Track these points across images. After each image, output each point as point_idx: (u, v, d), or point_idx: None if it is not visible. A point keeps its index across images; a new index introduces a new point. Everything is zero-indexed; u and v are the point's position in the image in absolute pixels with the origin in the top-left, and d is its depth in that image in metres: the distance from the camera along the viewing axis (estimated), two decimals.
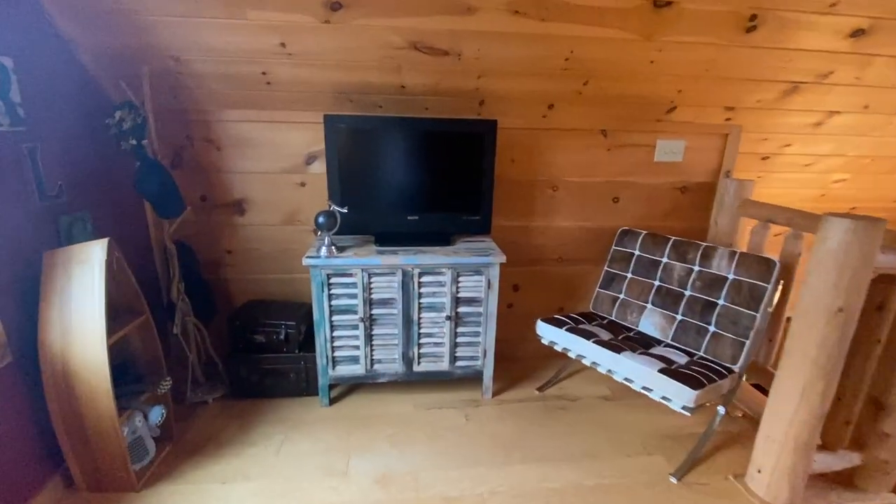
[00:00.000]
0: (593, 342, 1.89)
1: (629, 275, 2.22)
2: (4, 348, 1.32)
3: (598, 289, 2.32)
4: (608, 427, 2.00)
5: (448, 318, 1.97)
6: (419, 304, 1.95)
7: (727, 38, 1.81)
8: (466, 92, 2.00)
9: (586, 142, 2.24)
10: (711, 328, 1.91)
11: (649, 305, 2.12)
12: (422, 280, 1.92)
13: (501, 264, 1.93)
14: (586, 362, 1.93)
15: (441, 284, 1.94)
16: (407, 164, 1.97)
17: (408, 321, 1.96)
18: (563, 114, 2.15)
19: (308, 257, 1.82)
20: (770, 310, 1.86)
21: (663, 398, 1.67)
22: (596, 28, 1.75)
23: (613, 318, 2.23)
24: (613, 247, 2.31)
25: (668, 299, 2.07)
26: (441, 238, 2.08)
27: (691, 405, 1.58)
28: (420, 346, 2.01)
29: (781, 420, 1.51)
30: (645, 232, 2.22)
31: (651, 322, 2.10)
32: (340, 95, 1.98)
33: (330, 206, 1.88)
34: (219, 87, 1.90)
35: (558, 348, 2.03)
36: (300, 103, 2.00)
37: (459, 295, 1.96)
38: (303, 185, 2.15)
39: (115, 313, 1.60)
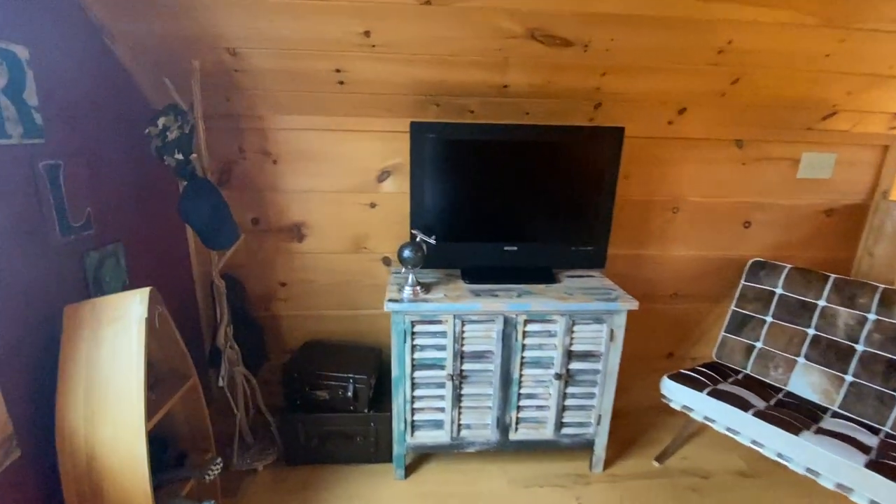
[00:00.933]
0: (753, 414, 1.47)
1: (769, 318, 1.79)
2: (10, 442, 0.97)
3: (724, 333, 1.89)
4: None
5: (557, 376, 1.57)
6: (522, 358, 1.55)
7: None
8: (582, 92, 1.60)
9: (717, 154, 1.82)
10: None
11: (802, 360, 1.69)
12: (527, 329, 1.52)
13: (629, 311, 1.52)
14: (741, 439, 1.50)
15: (551, 335, 1.54)
16: (506, 182, 1.58)
17: (506, 379, 1.56)
18: (694, 120, 1.74)
19: (391, 300, 1.44)
20: None
21: (870, 500, 1.24)
22: (765, 9, 1.33)
23: (750, 373, 1.80)
24: (744, 282, 1.88)
25: (830, 354, 1.64)
26: (543, 274, 1.68)
27: None
28: (519, 409, 1.61)
29: None
30: (790, 266, 1.79)
31: (807, 382, 1.66)
32: (426, 98, 1.60)
33: (416, 237, 1.50)
34: (281, 87, 1.54)
35: (696, 416, 1.61)
36: (376, 108, 1.63)
37: (573, 348, 1.55)
38: (373, 206, 1.78)
39: (155, 379, 1.25)
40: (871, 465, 1.26)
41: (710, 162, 1.83)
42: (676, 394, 1.65)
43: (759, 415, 1.47)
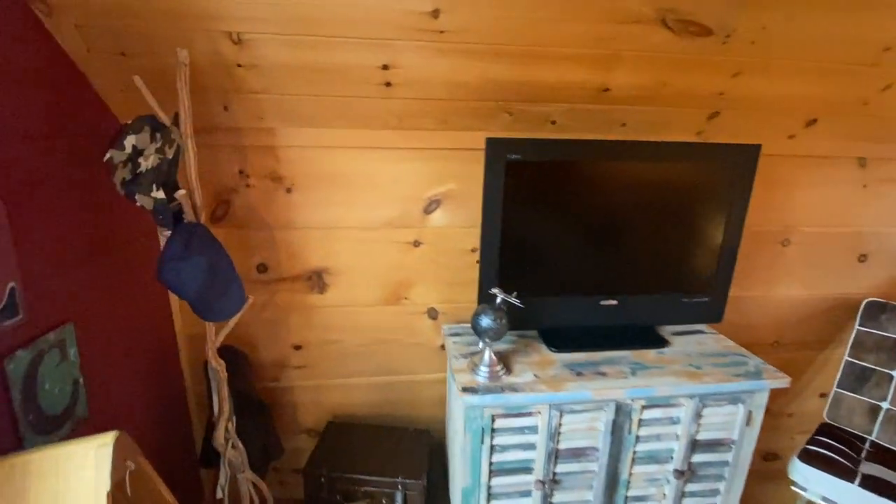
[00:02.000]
0: None
1: None
2: None
3: (836, 389, 1.56)
4: None
5: (678, 473, 1.18)
6: (634, 453, 1.16)
7: None
8: (700, 99, 1.23)
9: (836, 175, 1.48)
10: None
11: None
12: (643, 416, 1.13)
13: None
14: None
15: (672, 422, 1.15)
16: (605, 217, 1.19)
17: (612, 481, 1.17)
18: (822, 134, 1.39)
19: (467, 390, 1.03)
20: None
21: None
22: None
23: (877, 440, 1.46)
24: (859, 327, 1.54)
25: None
26: (648, 334, 1.30)
27: None
28: None
29: None
30: None
31: None
32: (496, 104, 1.19)
33: (498, 297, 1.08)
34: (300, 89, 1.10)
35: None
36: (427, 118, 1.21)
37: (699, 436, 1.17)
38: (417, 244, 1.36)
39: None
40: None
41: (829, 184, 1.48)
42: (814, 481, 1.30)
43: None
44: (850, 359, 1.56)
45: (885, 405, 1.48)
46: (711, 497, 1.25)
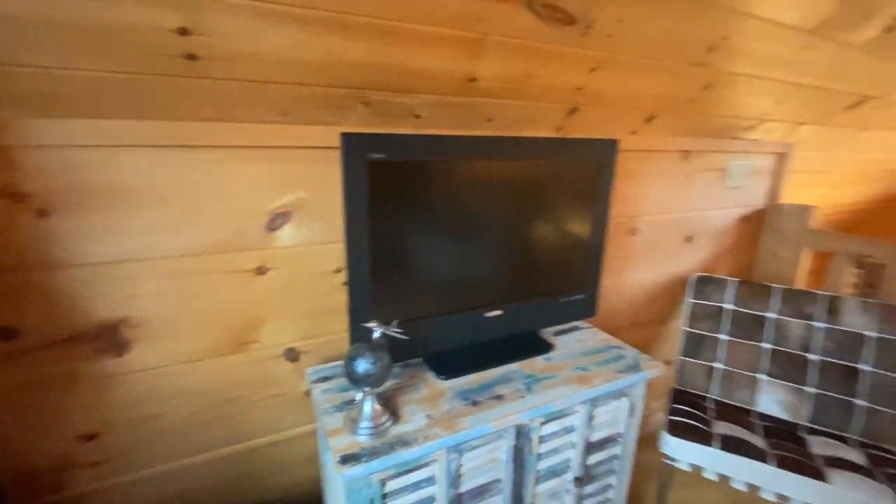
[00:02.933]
0: (777, 466, 1.29)
1: (726, 337, 1.70)
2: None
3: (681, 357, 1.75)
4: None
5: (577, 480, 1.14)
6: (537, 473, 1.08)
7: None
8: (562, 93, 1.19)
9: (667, 166, 1.64)
10: (862, 402, 1.49)
11: (764, 377, 1.63)
12: (543, 433, 1.05)
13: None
14: (740, 486, 1.33)
15: (568, 431, 1.10)
16: (483, 222, 1.07)
17: None
18: (658, 129, 1.50)
19: (345, 459, 0.80)
20: None
21: None
22: (773, 7, 1.13)
23: (717, 398, 1.69)
24: (692, 299, 1.76)
25: (789, 368, 1.61)
26: (533, 341, 1.24)
27: None
28: None
29: None
30: (736, 279, 1.73)
31: (774, 400, 1.61)
32: (349, 93, 0.97)
33: (375, 331, 0.86)
34: (53, 59, 0.72)
35: (709, 475, 1.39)
36: (259, 106, 0.92)
37: (592, 437, 1.15)
38: (261, 271, 1.05)
39: None
40: None
41: (662, 175, 1.63)
42: (683, 452, 1.40)
43: (779, 462, 1.31)
44: (686, 328, 1.76)
45: (720, 366, 1.71)
46: (605, 493, 1.24)
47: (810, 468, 1.29)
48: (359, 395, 0.87)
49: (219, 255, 1.00)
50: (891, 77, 1.68)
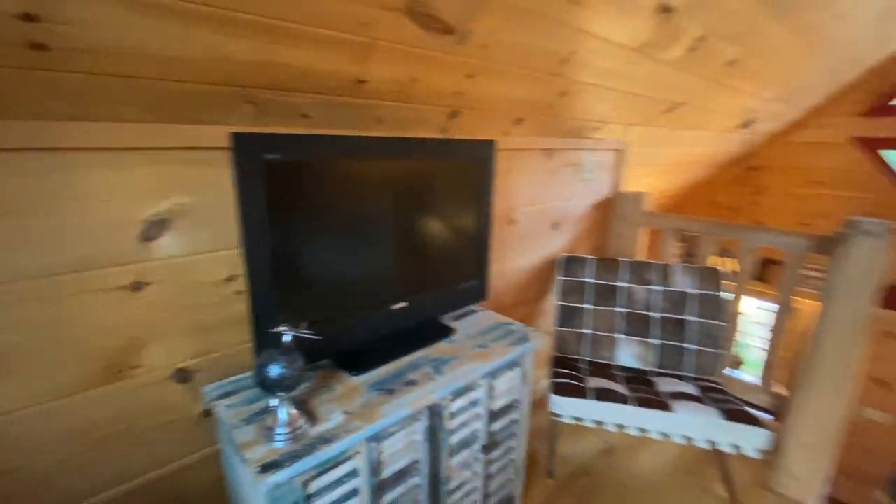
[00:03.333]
0: (637, 405, 1.58)
1: (590, 306, 2.01)
2: None
3: (556, 328, 2.02)
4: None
5: (484, 448, 1.26)
6: (450, 447, 1.16)
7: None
8: (443, 97, 1.29)
9: (533, 164, 1.86)
10: (690, 345, 1.90)
11: (621, 336, 1.97)
12: (454, 409, 1.14)
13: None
14: (608, 427, 1.60)
15: (474, 404, 1.21)
16: (381, 218, 1.12)
17: (434, 484, 1.14)
18: (525, 131, 1.70)
19: (266, 468, 0.78)
20: (732, 316, 1.99)
21: (733, 447, 1.52)
22: (611, 26, 1.37)
23: (588, 358, 1.98)
24: (562, 277, 2.04)
25: (638, 325, 1.96)
26: (435, 327, 1.32)
27: (768, 447, 1.49)
28: None
29: (816, 427, 1.59)
30: (594, 257, 2.05)
31: (629, 353, 1.95)
32: (233, 90, 0.93)
33: (285, 335, 0.85)
34: None
35: (587, 424, 1.63)
36: (127, 103, 0.83)
37: (494, 407, 1.27)
38: (138, 287, 0.95)
39: None
40: (729, 416, 1.53)
41: (531, 171, 1.85)
42: (567, 407, 1.63)
43: (639, 402, 1.60)
44: (559, 302, 2.03)
45: (588, 331, 1.99)
46: (508, 455, 1.39)
47: (660, 403, 1.60)
48: (273, 402, 0.85)
49: (86, 272, 0.88)
50: (693, 87, 2.14)
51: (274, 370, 0.81)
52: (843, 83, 3.66)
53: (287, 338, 0.85)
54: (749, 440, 1.48)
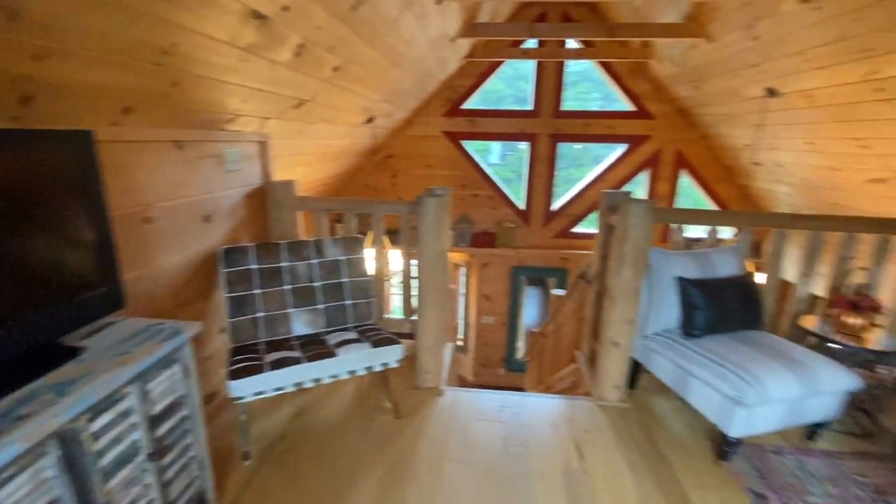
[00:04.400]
0: (308, 362, 1.82)
1: (259, 291, 2.13)
2: None
3: (230, 319, 2.06)
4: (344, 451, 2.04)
5: (151, 456, 1.21)
6: (102, 470, 1.06)
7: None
8: (5, 81, 1.07)
9: (164, 156, 1.77)
10: (349, 301, 2.31)
11: (292, 310, 2.19)
12: (95, 429, 1.04)
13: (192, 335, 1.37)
14: (289, 387, 1.82)
15: (125, 415, 1.13)
16: None
17: None
18: (141, 121, 1.59)
19: None
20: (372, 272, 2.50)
21: (383, 364, 1.98)
22: (206, 21, 1.45)
23: (267, 340, 2.11)
24: (225, 269, 2.08)
25: (305, 297, 2.23)
26: (58, 352, 1.13)
27: (402, 356, 2.02)
28: None
29: (433, 334, 2.26)
30: (254, 244, 2.16)
31: (301, 322, 2.20)
32: None
33: None
34: None
35: (269, 394, 1.76)
36: None
37: (154, 411, 1.23)
38: None
39: None
40: (374, 343, 1.97)
41: (162, 164, 1.76)
42: (247, 386, 1.71)
43: (309, 359, 1.85)
44: (227, 294, 2.05)
45: (258, 315, 2.10)
46: (187, 453, 1.37)
47: (327, 353, 1.90)
48: None
49: None
50: (312, 87, 2.48)
51: None
52: (430, 91, 4.98)
53: None
54: (391, 356, 1.99)
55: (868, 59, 2.26)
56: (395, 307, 5.49)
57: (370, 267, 2.43)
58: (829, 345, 1.99)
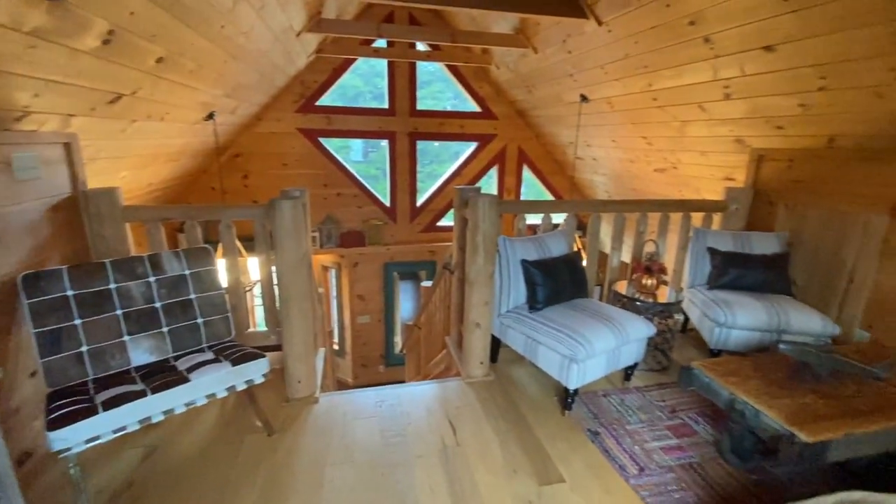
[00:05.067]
0: (153, 394, 1.62)
1: (80, 321, 1.81)
2: None
3: (42, 360, 1.72)
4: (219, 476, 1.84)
5: None
6: None
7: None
8: None
9: None
10: (200, 319, 2.11)
11: (128, 338, 1.91)
12: None
13: None
14: (132, 426, 1.62)
15: None
16: None
17: None
18: None
19: None
20: (226, 284, 2.30)
21: (247, 382, 1.86)
22: None
23: (96, 377, 1.80)
24: (29, 300, 1.72)
25: (144, 321, 1.96)
26: None
27: (268, 370, 1.92)
28: None
29: (300, 341, 2.19)
30: (67, 266, 1.82)
31: (142, 350, 1.94)
32: None
33: None
34: None
35: (107, 439, 1.52)
36: None
37: None
38: None
39: None
40: (233, 361, 1.83)
41: None
42: (73, 436, 1.45)
43: (154, 389, 1.64)
44: (35, 330, 1.70)
45: (83, 349, 1.78)
46: None
47: (178, 380, 1.71)
48: None
49: None
50: (132, 79, 2.16)
51: None
52: (279, 86, 4.71)
53: None
54: (255, 371, 1.88)
55: (646, 74, 2.85)
56: (260, 319, 5.11)
57: (223, 279, 2.24)
58: (636, 303, 2.50)
